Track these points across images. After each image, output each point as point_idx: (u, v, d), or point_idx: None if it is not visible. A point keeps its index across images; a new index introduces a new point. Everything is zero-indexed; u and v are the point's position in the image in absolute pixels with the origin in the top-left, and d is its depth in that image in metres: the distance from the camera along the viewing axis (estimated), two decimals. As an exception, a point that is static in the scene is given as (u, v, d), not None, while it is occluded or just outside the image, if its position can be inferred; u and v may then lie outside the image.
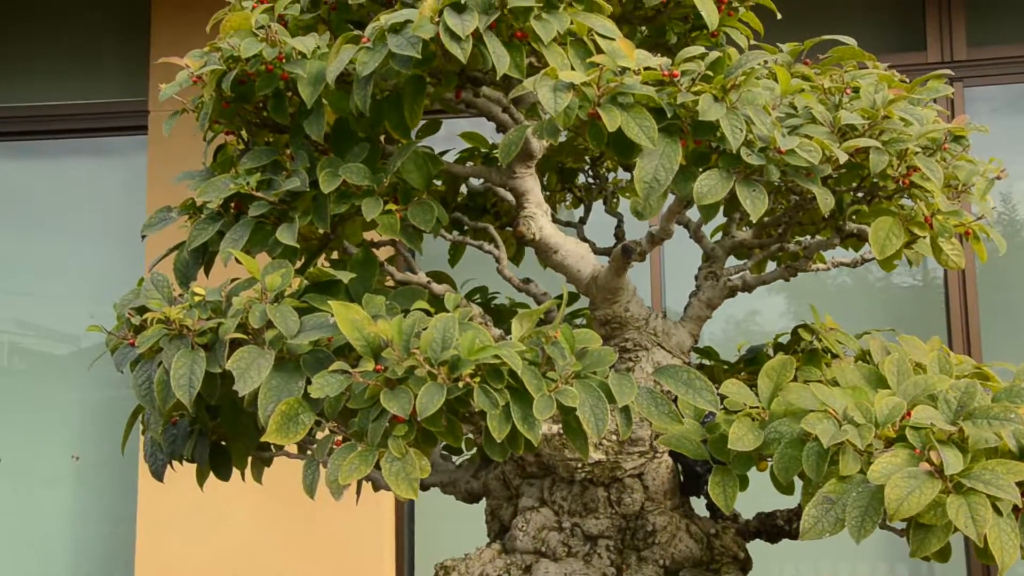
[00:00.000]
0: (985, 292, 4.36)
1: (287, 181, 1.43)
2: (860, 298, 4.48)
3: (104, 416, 4.73)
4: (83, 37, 4.60)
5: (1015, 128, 4.39)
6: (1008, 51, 3.95)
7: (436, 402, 1.25)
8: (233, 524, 3.99)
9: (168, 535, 4.08)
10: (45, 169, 4.82)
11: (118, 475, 4.50)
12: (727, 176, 1.31)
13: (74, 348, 5.21)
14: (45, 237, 5.01)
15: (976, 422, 1.31)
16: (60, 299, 5.09)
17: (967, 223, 1.48)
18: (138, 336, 1.43)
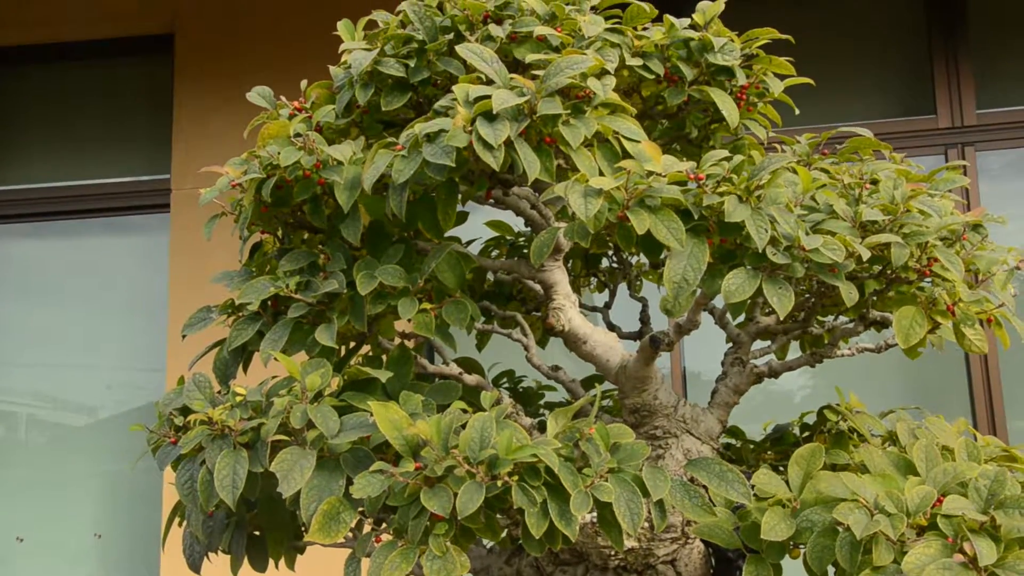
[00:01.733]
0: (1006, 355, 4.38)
1: (325, 283, 1.48)
2: (883, 361, 4.49)
3: (124, 489, 4.75)
4: (108, 117, 4.71)
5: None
6: (1018, 115, 4.01)
7: (476, 501, 1.28)
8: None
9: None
10: (68, 246, 4.90)
11: (140, 553, 4.51)
12: (754, 274, 1.35)
13: (92, 419, 5.25)
14: (65, 310, 5.08)
15: (1008, 511, 1.34)
16: (79, 370, 5.14)
17: (989, 310, 1.52)
18: (180, 436, 1.47)
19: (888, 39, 4.29)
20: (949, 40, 3.99)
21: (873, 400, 1.97)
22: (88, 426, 5.21)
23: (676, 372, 3.80)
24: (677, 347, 4.04)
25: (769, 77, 1.67)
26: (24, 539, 4.63)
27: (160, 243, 4.44)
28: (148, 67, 4.63)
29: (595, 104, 1.46)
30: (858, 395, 1.89)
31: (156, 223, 4.53)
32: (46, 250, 4.92)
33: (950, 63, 3.99)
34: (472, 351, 1.96)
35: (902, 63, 4.25)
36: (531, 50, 1.54)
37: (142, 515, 4.58)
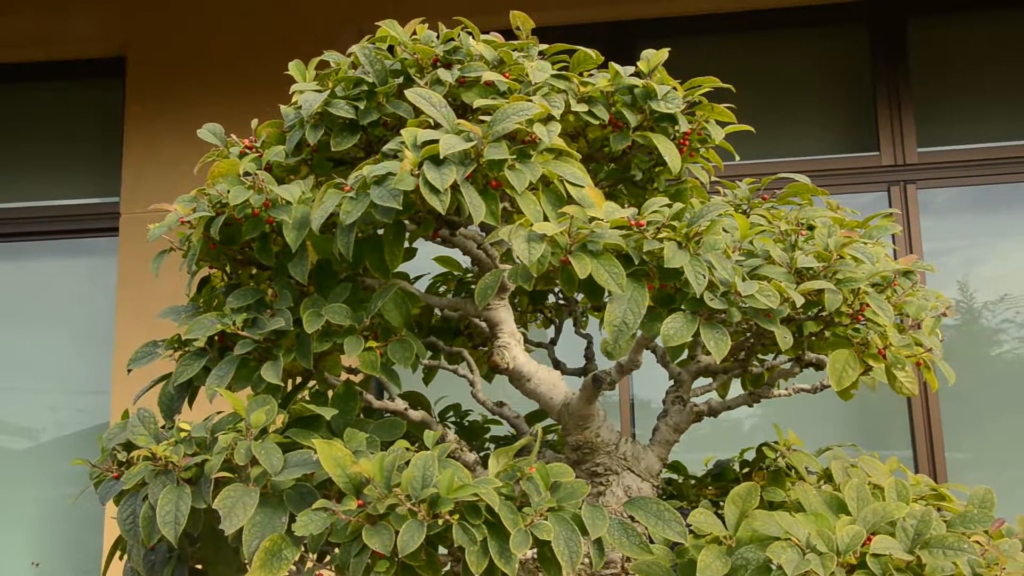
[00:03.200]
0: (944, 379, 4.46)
1: (272, 321, 1.50)
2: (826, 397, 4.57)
3: (65, 517, 4.69)
4: (58, 140, 4.68)
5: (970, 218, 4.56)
6: (958, 155, 4.13)
7: (417, 539, 1.31)
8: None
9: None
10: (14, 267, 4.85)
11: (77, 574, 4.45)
12: (692, 319, 1.40)
13: (33, 443, 5.17)
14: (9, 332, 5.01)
15: (932, 551, 1.39)
16: (21, 393, 5.08)
17: (919, 354, 1.57)
18: (123, 471, 1.48)
19: (832, 78, 4.40)
20: (892, 79, 4.10)
21: (818, 433, 2.03)
22: (29, 450, 5.13)
23: (624, 401, 3.85)
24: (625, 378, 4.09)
25: (711, 124, 1.72)
26: (-40, 567, 4.55)
27: (108, 266, 4.41)
28: (100, 90, 4.61)
29: (541, 149, 1.50)
30: (803, 428, 1.94)
31: (104, 246, 4.50)
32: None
33: (892, 101, 4.10)
34: (419, 385, 1.98)
35: (846, 101, 4.36)
36: (479, 95, 1.58)
37: (83, 543, 4.52)
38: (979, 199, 4.66)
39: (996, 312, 5.05)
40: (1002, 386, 4.77)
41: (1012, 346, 4.96)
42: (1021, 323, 4.96)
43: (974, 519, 1.48)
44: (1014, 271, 5.01)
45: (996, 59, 4.35)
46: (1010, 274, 5.04)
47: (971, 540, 1.40)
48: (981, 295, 5.05)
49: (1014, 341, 4.95)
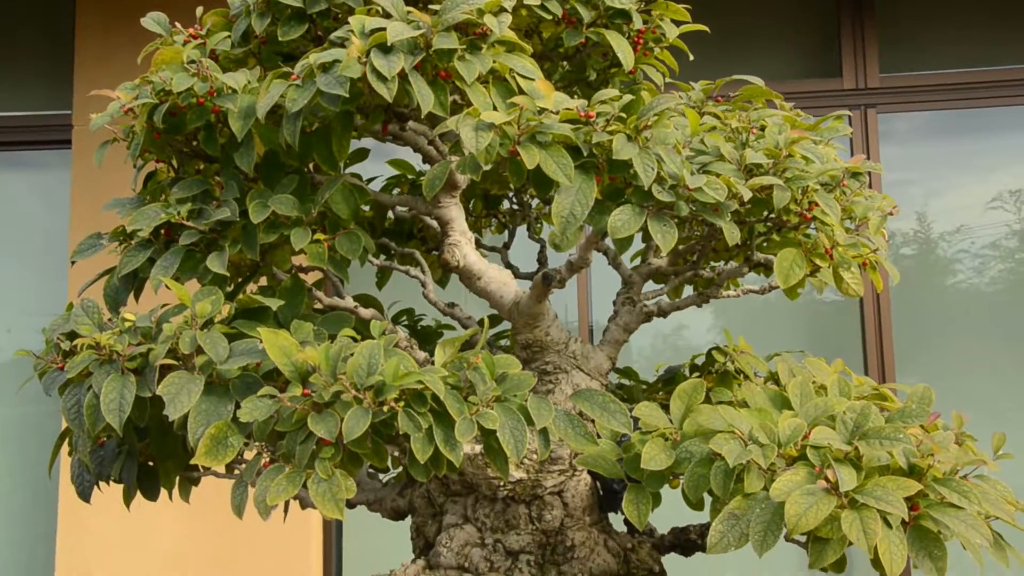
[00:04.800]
0: (899, 308, 4.55)
1: (217, 211, 1.49)
2: (784, 314, 4.64)
3: (21, 435, 4.68)
4: (6, 50, 4.56)
5: (930, 148, 4.59)
6: (919, 80, 4.14)
7: (362, 425, 1.31)
8: (158, 546, 3.98)
9: (89, 558, 4.05)
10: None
11: (37, 497, 4.45)
12: (639, 211, 1.40)
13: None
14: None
15: (870, 442, 1.42)
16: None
17: (864, 254, 1.59)
18: (68, 361, 1.47)
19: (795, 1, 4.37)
20: (855, 2, 4.08)
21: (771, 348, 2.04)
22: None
23: (583, 326, 3.87)
24: (585, 302, 4.11)
25: (666, 23, 1.70)
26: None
27: (62, 180, 4.34)
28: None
29: (491, 41, 1.48)
30: (758, 343, 1.96)
31: (57, 160, 4.42)
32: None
33: (856, 26, 4.09)
34: (372, 290, 1.98)
35: (810, 25, 4.34)
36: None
37: (39, 453, 4.51)
38: (939, 128, 4.68)
39: (952, 243, 5.11)
40: (956, 315, 4.83)
41: (966, 276, 5.03)
42: (975, 253, 5.02)
43: (912, 414, 1.51)
44: (971, 203, 5.06)
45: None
46: (967, 206, 5.09)
47: (907, 432, 1.43)
48: (938, 226, 5.10)
49: (968, 271, 5.01)
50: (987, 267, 5.00)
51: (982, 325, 4.74)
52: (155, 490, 1.74)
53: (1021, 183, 4.94)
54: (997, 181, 4.97)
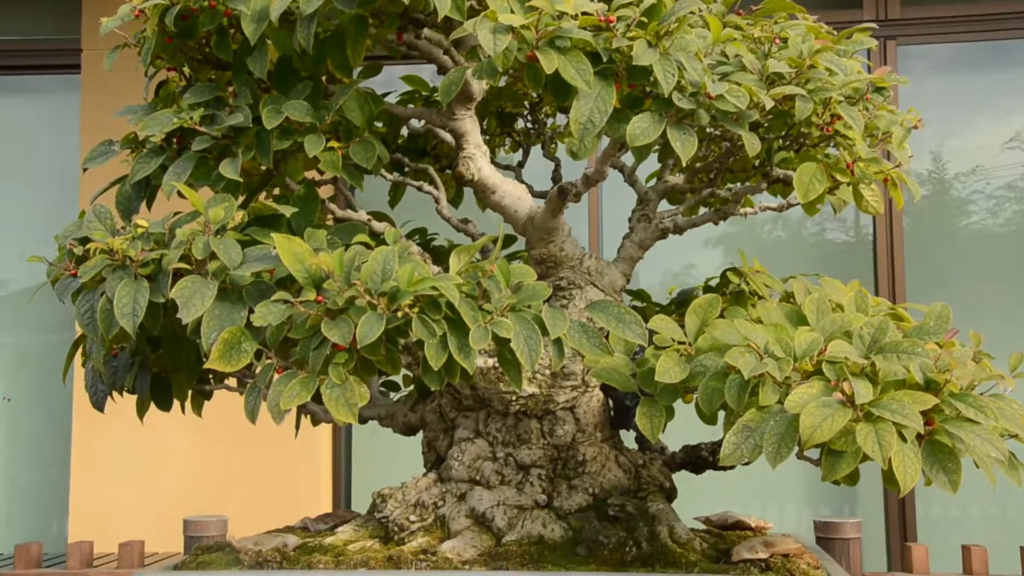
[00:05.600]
0: (912, 248, 4.51)
1: (230, 117, 1.46)
2: (794, 252, 4.61)
3: (36, 360, 4.71)
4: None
5: (948, 86, 4.52)
6: (941, 11, 4.06)
7: (376, 331, 1.30)
8: (171, 467, 4.02)
9: (103, 479, 4.10)
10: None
11: (51, 419, 4.49)
12: (659, 119, 1.37)
13: (3, 292, 5.14)
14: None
15: (887, 356, 1.41)
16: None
17: (886, 170, 1.56)
18: (80, 267, 1.46)
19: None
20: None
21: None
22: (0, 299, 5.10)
23: (594, 250, 3.86)
24: (598, 233, 4.09)
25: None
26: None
27: (71, 106, 4.31)
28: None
29: (510, -56, 1.44)
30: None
31: (66, 85, 4.38)
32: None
33: (878, -45, 4.00)
34: (384, 209, 1.96)
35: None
36: None
37: (52, 381, 4.54)
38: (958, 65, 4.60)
39: (967, 184, 5.06)
40: (968, 256, 4.80)
41: (980, 217, 4.98)
42: (990, 194, 4.98)
43: (929, 331, 1.50)
44: (988, 143, 5.00)
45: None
46: (984, 146, 5.03)
47: (925, 348, 1.41)
48: (953, 166, 5.04)
49: (983, 212, 4.97)
50: (1001, 208, 4.95)
51: (995, 266, 4.71)
52: (168, 402, 1.74)
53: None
54: (1016, 121, 4.90)
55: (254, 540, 1.67)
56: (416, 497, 1.67)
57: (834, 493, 4.48)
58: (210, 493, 3.97)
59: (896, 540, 4.23)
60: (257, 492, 3.95)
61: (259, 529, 1.86)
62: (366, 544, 1.62)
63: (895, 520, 4.23)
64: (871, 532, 4.25)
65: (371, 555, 1.55)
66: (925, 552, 2.78)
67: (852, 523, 2.62)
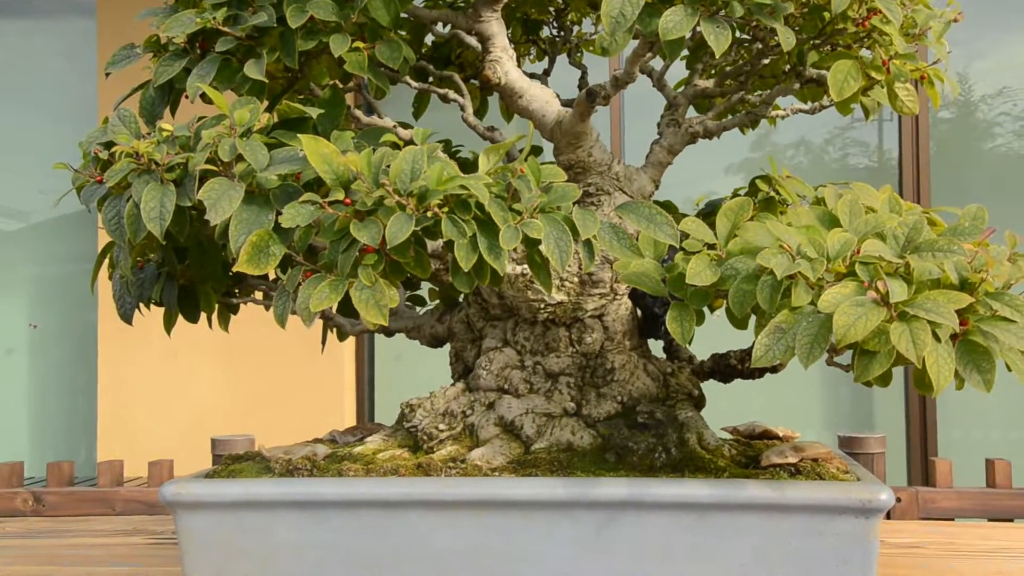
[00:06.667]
0: (937, 171, 4.46)
1: (254, 16, 1.44)
2: (817, 179, 4.56)
3: (60, 290, 4.74)
4: None
5: (971, 8, 4.43)
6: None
7: (405, 231, 1.29)
8: (196, 392, 4.06)
9: (129, 406, 4.14)
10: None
11: (77, 346, 4.53)
12: (692, 12, 1.34)
13: (24, 224, 5.18)
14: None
15: (922, 255, 1.38)
16: (9, 174, 5.03)
17: (922, 68, 1.52)
18: (106, 172, 1.44)
19: None
20: None
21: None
22: (23, 230, 5.14)
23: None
24: (620, 144, 4.05)
25: None
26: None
27: (86, 32, 4.27)
28: None
29: None
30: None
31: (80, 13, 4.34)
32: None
33: None
34: (409, 120, 1.93)
35: None
36: None
37: (77, 313, 4.57)
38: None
39: (993, 106, 4.98)
40: (995, 178, 4.74)
41: (1006, 139, 4.91)
42: (1017, 115, 4.90)
43: (964, 231, 1.48)
44: (1016, 63, 4.90)
45: None
46: (1012, 66, 4.93)
47: (961, 246, 1.39)
48: (979, 88, 4.96)
49: (1009, 135, 4.90)
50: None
51: (1021, 189, 4.66)
52: (195, 313, 1.74)
53: (1067, 45, 4.79)
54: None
55: (284, 450, 1.67)
56: (445, 406, 1.67)
57: (855, 417, 4.50)
58: (236, 415, 4.01)
59: (917, 459, 4.25)
60: (282, 414, 3.99)
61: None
62: (395, 453, 1.62)
63: (916, 441, 4.24)
64: (892, 454, 4.26)
65: (401, 463, 1.55)
66: (949, 466, 2.78)
67: (876, 438, 2.62)
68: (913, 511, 2.73)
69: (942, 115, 4.66)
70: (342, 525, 1.41)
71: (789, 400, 4.47)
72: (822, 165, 4.65)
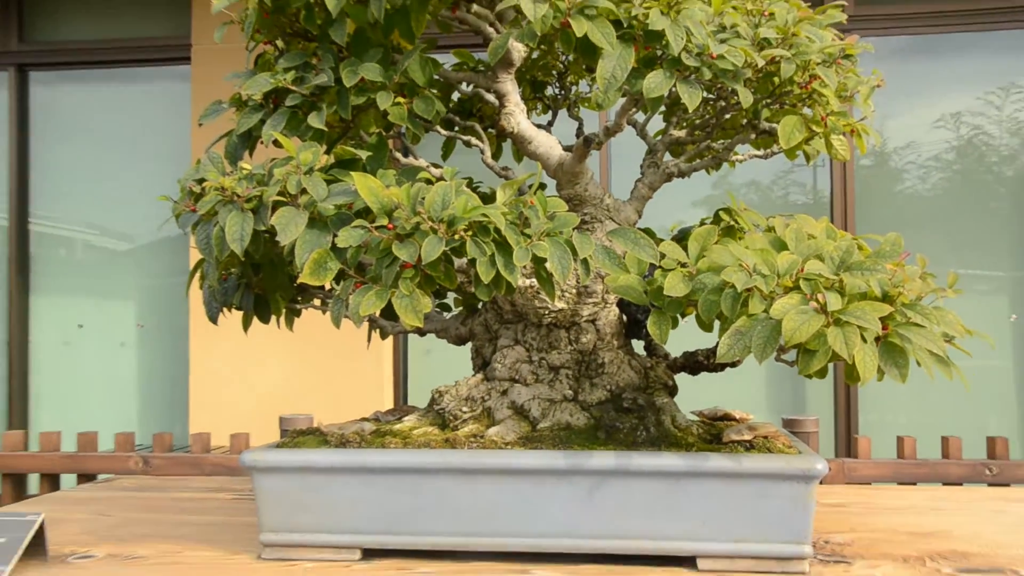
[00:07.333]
0: (860, 209, 4.42)
1: (316, 78, 1.42)
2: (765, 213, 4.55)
3: (160, 297, 4.72)
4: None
5: (888, 75, 4.42)
6: (885, 10, 3.93)
7: (437, 250, 1.26)
8: (269, 375, 4.04)
9: (215, 387, 4.12)
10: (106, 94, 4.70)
11: (173, 342, 4.52)
12: (669, 76, 1.31)
13: (132, 244, 5.17)
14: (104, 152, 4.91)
15: (852, 273, 1.36)
16: (120, 204, 5.03)
17: (852, 123, 1.50)
18: (198, 202, 1.42)
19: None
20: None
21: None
22: (129, 250, 5.14)
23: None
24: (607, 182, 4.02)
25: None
26: (84, 326, 4.62)
27: (183, 92, 4.27)
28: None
29: (545, -68, 1.37)
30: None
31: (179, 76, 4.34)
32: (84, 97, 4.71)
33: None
34: (439, 160, 1.91)
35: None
36: None
37: (174, 316, 4.56)
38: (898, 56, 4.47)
39: (902, 156, 4.95)
40: (904, 214, 4.71)
41: (912, 183, 4.89)
42: (920, 164, 4.88)
43: (886, 254, 1.44)
44: (919, 123, 4.90)
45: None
46: (916, 125, 4.92)
47: (883, 266, 1.36)
48: (892, 142, 4.94)
49: (914, 179, 4.87)
50: (930, 176, 4.86)
51: (924, 223, 4.63)
52: (267, 316, 1.72)
53: (959, 106, 4.77)
54: (941, 105, 4.82)
55: (339, 426, 1.65)
56: (467, 393, 1.64)
57: (794, 402, 4.45)
58: (297, 398, 3.99)
59: (843, 437, 4.20)
60: (334, 397, 3.97)
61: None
62: (427, 430, 1.60)
63: (842, 422, 4.20)
64: (823, 432, 4.21)
65: (432, 438, 1.52)
66: (868, 442, 2.74)
67: (811, 419, 2.59)
68: (840, 477, 2.69)
69: (863, 162, 4.63)
70: (385, 486, 1.38)
71: (743, 389, 4.43)
72: (769, 201, 4.63)
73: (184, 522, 1.74)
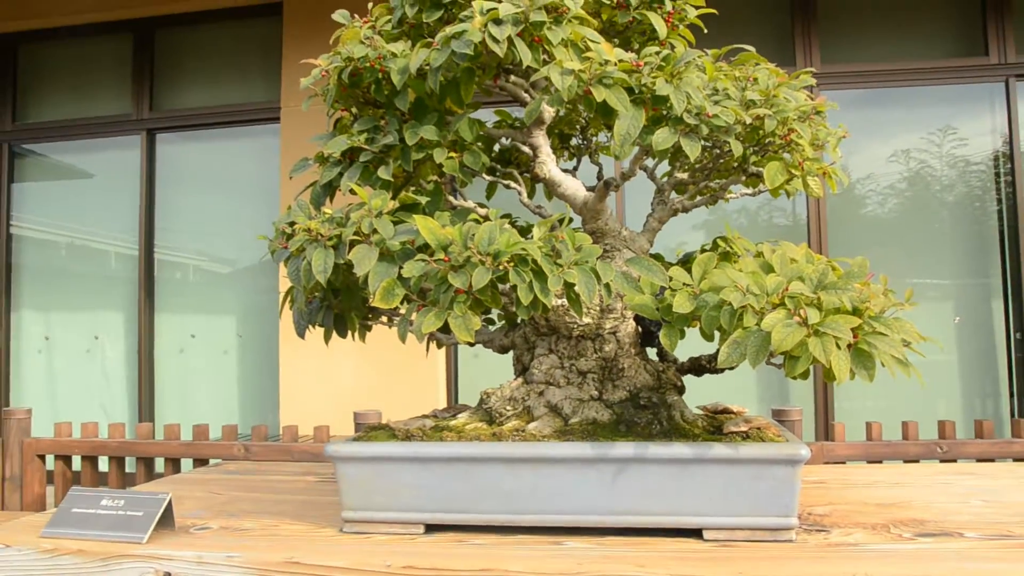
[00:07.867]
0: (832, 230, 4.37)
1: (384, 138, 1.44)
2: (753, 233, 4.51)
3: (256, 312, 4.79)
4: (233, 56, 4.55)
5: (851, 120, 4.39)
6: (846, 68, 3.89)
7: (485, 279, 1.28)
8: (343, 381, 4.08)
9: (299, 389, 4.16)
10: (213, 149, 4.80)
11: (267, 350, 4.58)
12: (674, 132, 1.31)
13: (233, 269, 5.26)
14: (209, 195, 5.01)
15: (828, 291, 1.34)
16: (222, 238, 5.12)
17: (824, 167, 1.48)
18: (290, 241, 1.45)
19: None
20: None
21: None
22: (229, 273, 5.22)
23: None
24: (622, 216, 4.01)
25: (687, 6, 1.58)
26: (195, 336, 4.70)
27: (273, 147, 4.34)
28: (262, 27, 4.44)
29: (569, 16, 1.39)
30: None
31: (270, 133, 4.42)
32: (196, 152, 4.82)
33: (804, 24, 3.83)
34: (483, 201, 1.92)
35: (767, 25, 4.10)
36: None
37: (267, 328, 4.62)
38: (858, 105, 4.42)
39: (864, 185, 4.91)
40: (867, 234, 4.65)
41: (872, 209, 4.84)
42: (879, 192, 4.85)
43: (855, 275, 1.42)
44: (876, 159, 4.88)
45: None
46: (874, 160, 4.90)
47: (853, 285, 1.34)
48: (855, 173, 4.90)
49: (874, 205, 4.83)
50: (887, 201, 4.81)
51: (884, 240, 4.56)
52: (344, 331, 1.73)
53: (908, 145, 4.75)
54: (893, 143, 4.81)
55: (404, 422, 1.66)
56: (510, 394, 1.65)
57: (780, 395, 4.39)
58: (368, 397, 4.02)
59: (821, 423, 4.13)
60: (398, 397, 3.99)
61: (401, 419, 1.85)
62: (477, 425, 1.60)
63: (821, 411, 4.13)
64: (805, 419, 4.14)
65: (481, 432, 1.53)
66: (843, 427, 2.69)
67: (796, 410, 2.55)
68: (820, 458, 2.64)
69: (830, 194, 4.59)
70: (443, 473, 1.39)
71: (739, 385, 4.38)
72: (756, 224, 4.59)
73: (279, 500, 1.76)
